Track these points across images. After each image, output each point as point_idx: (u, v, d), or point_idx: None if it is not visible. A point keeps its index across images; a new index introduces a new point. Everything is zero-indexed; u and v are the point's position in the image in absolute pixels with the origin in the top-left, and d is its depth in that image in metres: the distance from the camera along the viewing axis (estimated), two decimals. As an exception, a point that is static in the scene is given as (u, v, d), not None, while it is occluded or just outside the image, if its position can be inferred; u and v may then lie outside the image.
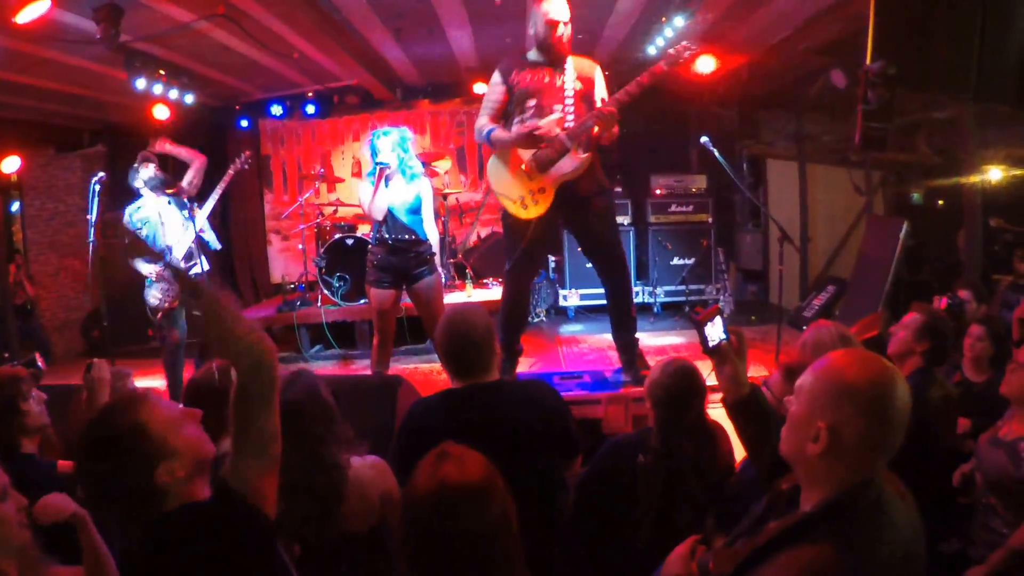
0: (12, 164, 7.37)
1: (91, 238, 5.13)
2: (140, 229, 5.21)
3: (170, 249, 5.24)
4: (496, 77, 4.10)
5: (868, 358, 1.52)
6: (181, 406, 1.79)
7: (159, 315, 5.28)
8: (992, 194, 6.34)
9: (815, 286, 7.52)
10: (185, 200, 5.27)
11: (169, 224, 5.24)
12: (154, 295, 5.26)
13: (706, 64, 6.78)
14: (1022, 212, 6.51)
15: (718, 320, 2.01)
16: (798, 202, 8.13)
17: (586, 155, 3.90)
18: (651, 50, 6.51)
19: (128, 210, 5.26)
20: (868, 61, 3.42)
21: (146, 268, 5.22)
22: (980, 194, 6.04)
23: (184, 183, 5.37)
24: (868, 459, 1.45)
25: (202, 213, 5.40)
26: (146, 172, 5.25)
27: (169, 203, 5.27)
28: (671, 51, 3.82)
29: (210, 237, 5.55)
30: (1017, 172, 6.35)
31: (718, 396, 2.09)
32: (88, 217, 5.03)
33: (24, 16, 4.38)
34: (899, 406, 1.45)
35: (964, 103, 5.57)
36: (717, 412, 2.46)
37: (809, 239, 7.77)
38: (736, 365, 1.99)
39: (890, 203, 7.78)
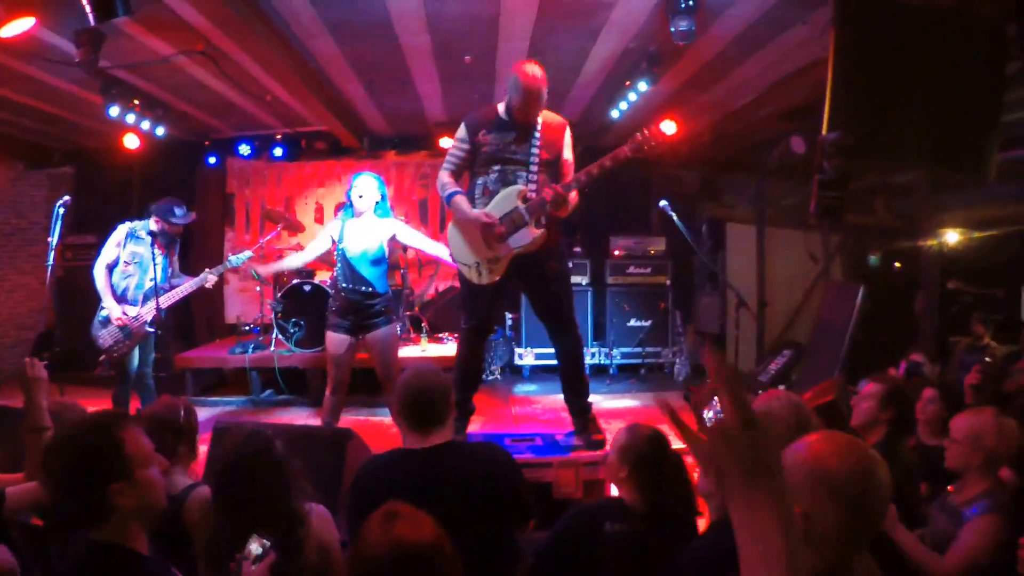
0: None
1: (50, 260, 5.02)
2: (128, 263, 5.14)
3: (145, 297, 5.16)
4: (462, 132, 4.10)
5: (851, 445, 1.49)
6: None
7: (103, 356, 5.19)
8: (950, 257, 6.51)
9: (772, 350, 7.63)
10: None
11: (150, 269, 5.16)
12: (105, 336, 5.12)
13: (669, 127, 6.96)
14: (979, 274, 6.66)
15: (716, 401, 2.02)
16: (756, 266, 8.28)
17: (541, 230, 3.90)
18: (614, 113, 6.66)
19: (129, 228, 5.21)
20: (824, 131, 3.54)
21: (112, 307, 5.08)
22: (938, 256, 6.16)
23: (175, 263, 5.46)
24: (842, 548, 1.42)
25: (168, 295, 5.33)
26: (172, 230, 5.31)
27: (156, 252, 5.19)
28: (638, 136, 3.83)
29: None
30: (975, 235, 6.55)
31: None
32: (49, 240, 4.95)
33: (8, 31, 4.36)
34: (879, 497, 1.43)
35: (920, 170, 5.76)
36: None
37: (766, 303, 7.90)
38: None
39: (848, 266, 7.97)
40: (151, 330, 5.21)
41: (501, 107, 4.01)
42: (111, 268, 5.17)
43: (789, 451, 1.52)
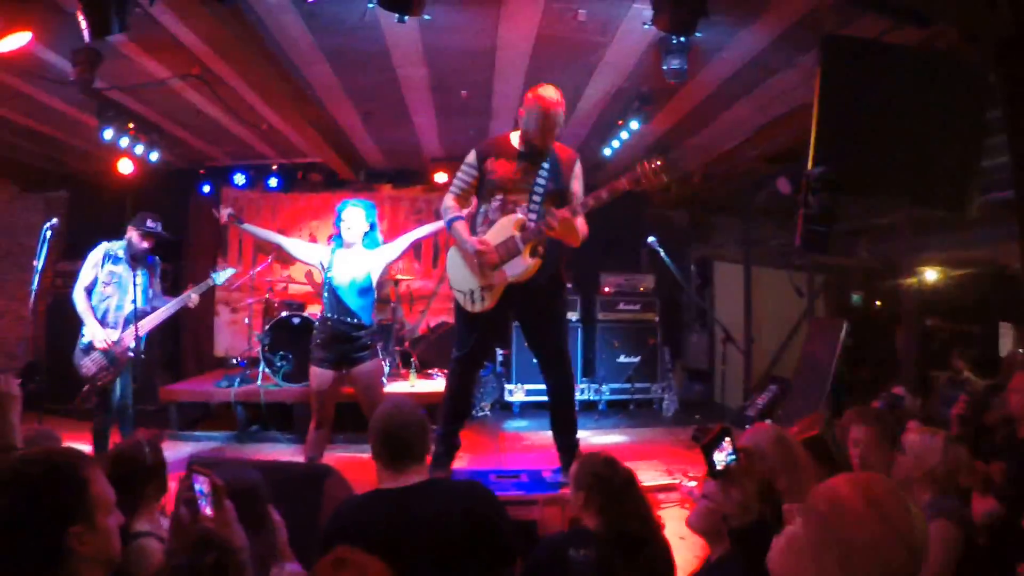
0: None
1: (35, 285, 4.96)
2: (107, 283, 5.04)
3: (126, 320, 5.07)
4: (471, 158, 4.10)
5: (880, 509, 1.36)
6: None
7: (87, 386, 5.02)
8: (929, 295, 6.62)
9: (758, 386, 7.64)
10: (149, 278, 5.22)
11: (130, 290, 5.07)
12: (88, 364, 5.00)
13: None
14: (957, 311, 6.76)
15: (727, 442, 1.97)
16: (743, 304, 8.33)
17: (534, 260, 3.90)
18: (607, 151, 6.72)
19: (106, 249, 5.09)
20: (809, 166, 3.58)
21: (95, 331, 4.96)
22: (917, 295, 6.27)
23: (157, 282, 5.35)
24: None
25: (149, 318, 5.23)
26: (140, 243, 5.15)
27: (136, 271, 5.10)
28: (636, 169, 3.83)
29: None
30: (953, 273, 6.64)
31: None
32: (35, 263, 4.88)
33: (5, 45, 4.36)
34: (918, 539, 1.33)
35: (902, 209, 5.85)
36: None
37: (753, 339, 7.93)
38: (745, 488, 1.92)
39: (831, 305, 8.05)
40: (132, 355, 5.07)
41: (515, 136, 4.01)
42: (89, 291, 5.05)
43: (826, 489, 1.42)
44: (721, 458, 1.96)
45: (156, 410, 6.97)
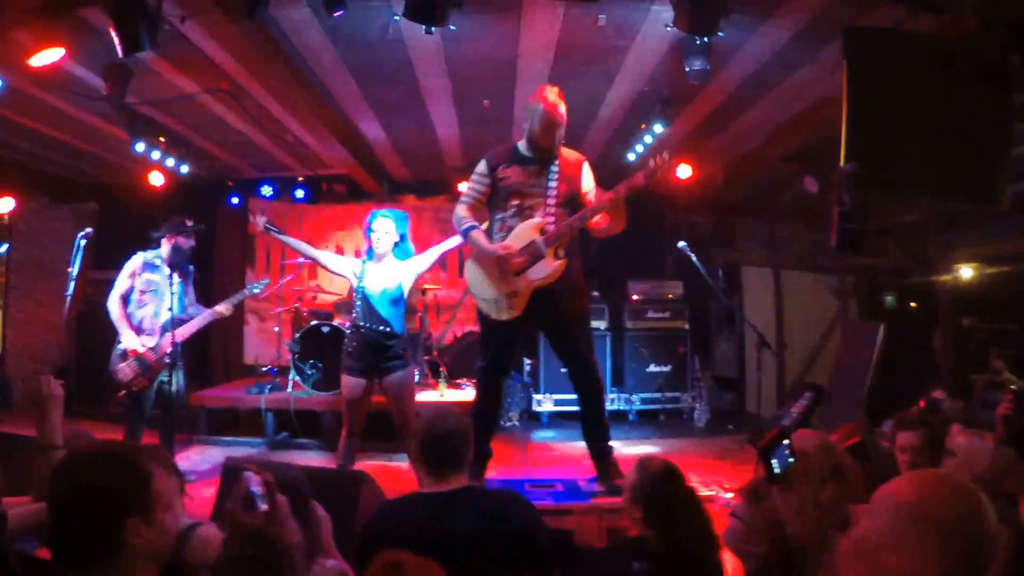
0: (6, 204, 7.38)
1: (69, 291, 5.01)
2: (144, 291, 5.10)
3: (163, 328, 5.14)
4: (482, 167, 4.08)
5: (961, 489, 1.35)
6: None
7: (122, 392, 5.08)
8: (963, 293, 6.47)
9: (792, 393, 7.52)
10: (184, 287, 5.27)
11: (167, 298, 5.15)
12: (124, 370, 5.06)
13: (683, 171, 7.00)
14: (992, 309, 6.61)
15: (785, 444, 1.93)
16: (773, 309, 8.21)
17: (560, 262, 3.88)
18: (631, 156, 6.70)
19: (144, 257, 5.13)
20: (842, 163, 3.52)
21: (130, 339, 5.03)
22: (952, 293, 6.13)
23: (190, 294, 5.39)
24: None
25: (186, 326, 5.28)
26: (187, 243, 5.24)
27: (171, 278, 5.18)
28: (650, 164, 3.80)
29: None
30: (988, 270, 6.49)
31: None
32: (69, 270, 4.95)
33: (38, 60, 4.43)
34: (988, 545, 1.29)
35: (932, 204, 5.75)
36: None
37: (786, 345, 7.82)
38: (803, 494, 1.89)
39: (863, 307, 7.90)
40: (169, 362, 5.14)
41: (521, 143, 4.01)
42: (126, 299, 5.12)
43: (890, 491, 1.38)
44: (779, 461, 1.91)
45: (185, 416, 7.05)
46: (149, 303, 5.14)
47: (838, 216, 3.53)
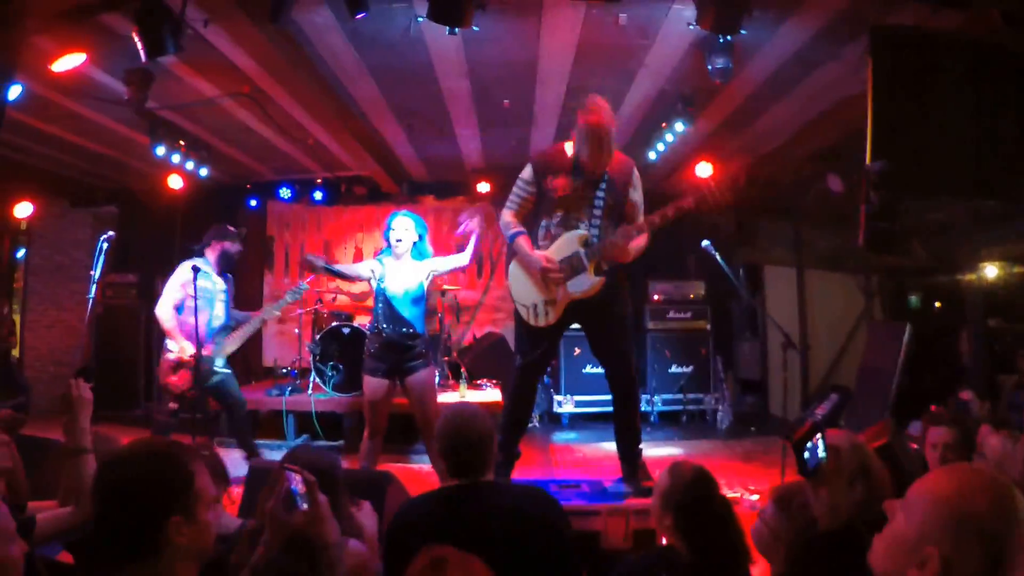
0: (24, 209, 7.48)
1: (92, 294, 5.07)
2: (197, 298, 5.13)
3: (215, 334, 5.23)
4: (528, 174, 4.05)
5: (997, 482, 1.34)
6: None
7: (177, 401, 5.15)
8: (989, 293, 6.38)
9: (817, 395, 7.44)
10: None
11: (216, 304, 5.24)
12: (179, 379, 5.11)
13: (704, 170, 6.95)
14: (1020, 310, 6.52)
15: (818, 438, 1.90)
16: (796, 310, 8.12)
17: (599, 279, 3.88)
18: (651, 155, 6.66)
19: (193, 265, 5.14)
20: (867, 161, 3.48)
21: (186, 346, 5.08)
22: (979, 294, 6.05)
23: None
24: None
25: (241, 332, 5.44)
26: (233, 248, 5.34)
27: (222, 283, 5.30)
28: (703, 189, 3.80)
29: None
30: (1015, 269, 6.39)
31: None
32: (92, 273, 4.99)
33: (60, 65, 4.49)
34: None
35: (959, 202, 5.67)
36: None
37: (809, 346, 7.73)
38: (835, 489, 1.86)
39: (888, 308, 7.80)
40: (226, 370, 5.29)
41: (569, 148, 3.96)
42: (178, 308, 5.15)
43: (928, 482, 1.38)
44: (812, 456, 1.88)
45: (206, 417, 7.09)
46: (203, 310, 5.16)
47: (865, 214, 3.47)
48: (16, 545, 1.74)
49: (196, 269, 5.10)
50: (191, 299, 5.07)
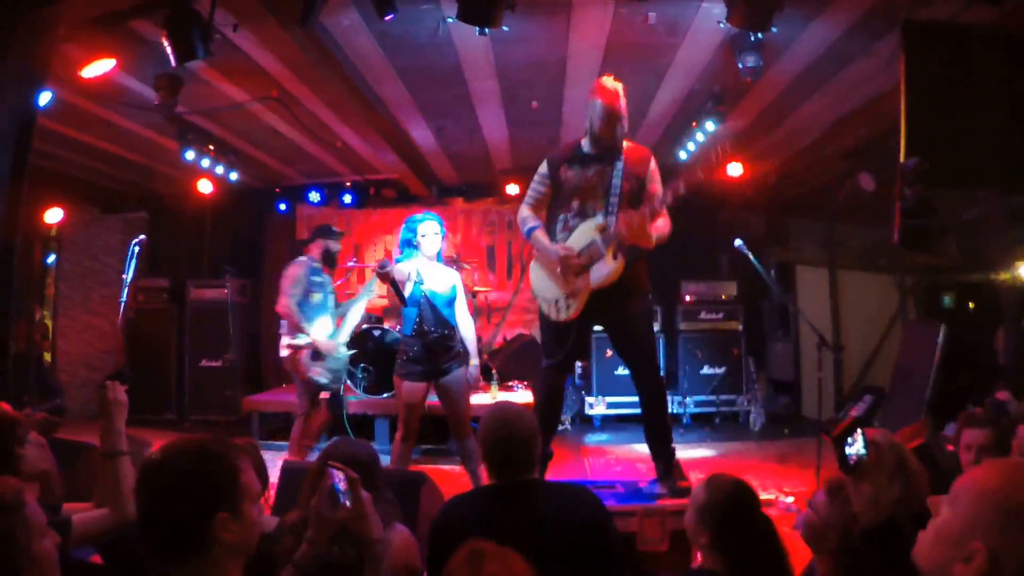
0: (55, 215, 7.61)
1: (124, 298, 5.14)
2: (313, 291, 5.28)
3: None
4: (543, 168, 4.04)
5: None
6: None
7: (322, 392, 5.37)
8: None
9: (851, 396, 7.33)
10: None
11: (330, 296, 5.45)
12: (319, 370, 5.28)
13: (735, 169, 6.88)
14: None
15: (858, 434, 1.88)
16: (829, 309, 8.02)
17: (618, 262, 3.79)
18: (682, 154, 6.62)
19: (307, 264, 5.34)
20: (902, 157, 3.42)
21: (322, 339, 5.23)
22: (1014, 292, 5.95)
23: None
24: None
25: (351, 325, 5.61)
26: (335, 247, 5.55)
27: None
28: (711, 157, 3.73)
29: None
30: None
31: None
32: (123, 277, 5.05)
33: (89, 71, 4.55)
34: None
35: (991, 198, 5.56)
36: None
37: (842, 347, 7.63)
38: (876, 484, 1.83)
39: (922, 307, 7.68)
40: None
41: (584, 142, 3.95)
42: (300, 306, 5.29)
43: (975, 476, 1.36)
44: (853, 451, 1.86)
45: (238, 420, 7.19)
46: (322, 304, 5.35)
47: (900, 212, 3.41)
48: (49, 538, 1.76)
49: (309, 267, 5.30)
50: (312, 294, 5.26)
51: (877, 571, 1.83)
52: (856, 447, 1.86)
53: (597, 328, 4.26)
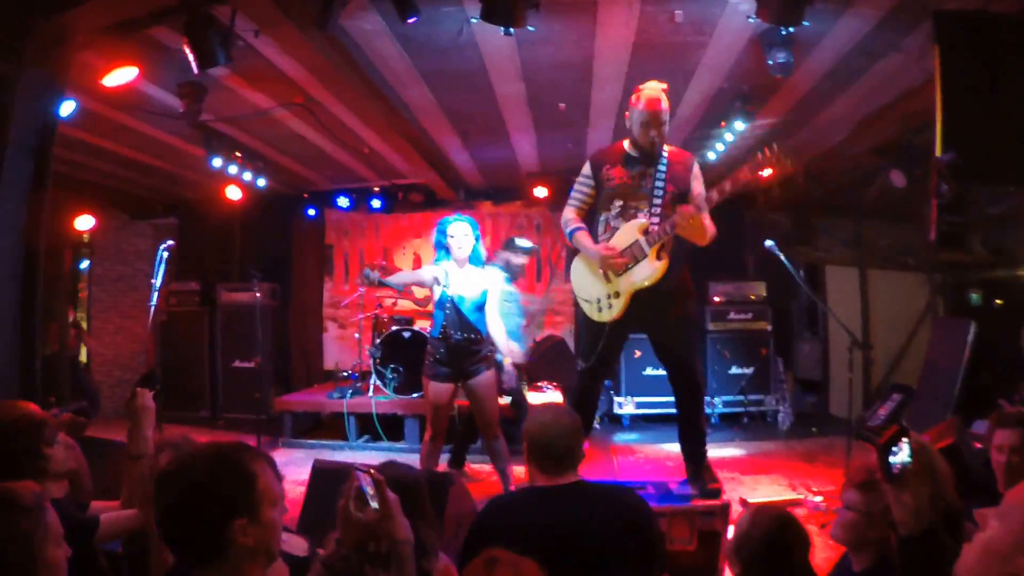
0: (86, 223, 7.79)
1: (153, 302, 5.20)
2: (506, 302, 5.33)
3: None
4: (586, 169, 4.03)
5: None
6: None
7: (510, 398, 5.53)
8: None
9: (879, 394, 7.25)
10: None
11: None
12: (507, 378, 5.50)
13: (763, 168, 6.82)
14: None
15: (904, 442, 1.82)
16: (858, 309, 7.95)
17: (662, 262, 3.77)
18: (711, 155, 6.58)
19: (502, 272, 5.34)
20: (937, 152, 3.36)
21: (513, 348, 5.13)
22: None
23: None
24: None
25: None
26: (516, 259, 5.91)
27: None
28: (758, 156, 3.70)
29: None
30: None
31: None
32: (153, 281, 5.12)
33: (111, 80, 4.58)
34: None
35: (1017, 195, 5.47)
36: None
37: (870, 346, 7.54)
38: (919, 493, 1.78)
39: (950, 305, 7.57)
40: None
41: (626, 142, 3.96)
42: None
43: (1019, 496, 1.33)
44: (897, 460, 1.80)
45: (269, 419, 7.29)
46: (512, 314, 5.49)
47: (937, 209, 3.35)
48: (62, 549, 1.79)
49: (506, 277, 5.41)
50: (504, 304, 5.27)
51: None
52: (901, 455, 1.80)
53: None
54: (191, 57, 4.02)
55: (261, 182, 7.49)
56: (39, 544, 1.73)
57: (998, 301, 7.26)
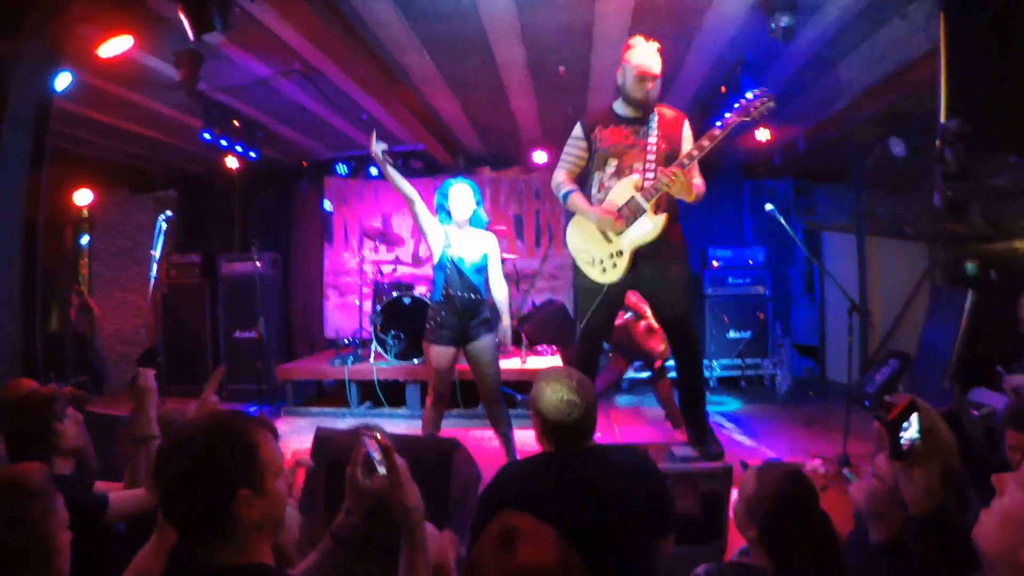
0: (84, 197, 7.77)
1: (153, 274, 5.16)
2: None
3: None
4: (578, 131, 4.05)
5: None
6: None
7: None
8: None
9: (875, 360, 7.32)
10: None
11: None
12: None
13: (762, 135, 6.81)
14: None
15: (914, 418, 1.77)
16: (855, 276, 7.99)
17: (662, 216, 3.79)
18: (717, 123, 6.53)
19: None
20: (942, 119, 3.36)
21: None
22: None
23: None
24: None
25: None
26: None
27: None
28: (742, 100, 3.71)
29: None
30: None
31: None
32: (152, 253, 5.08)
33: (107, 50, 4.50)
34: None
35: (1018, 166, 5.47)
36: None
37: (868, 313, 7.59)
38: (929, 471, 1.73)
39: (947, 275, 7.61)
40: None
41: (617, 104, 3.96)
42: None
43: None
44: (907, 436, 1.75)
45: (272, 387, 7.34)
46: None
47: (941, 176, 3.35)
48: (66, 534, 1.80)
49: None
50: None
51: (929, 557, 1.75)
52: (911, 431, 1.75)
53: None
54: (187, 24, 3.93)
55: (258, 152, 7.45)
56: (47, 528, 1.74)
57: (993, 272, 7.30)
